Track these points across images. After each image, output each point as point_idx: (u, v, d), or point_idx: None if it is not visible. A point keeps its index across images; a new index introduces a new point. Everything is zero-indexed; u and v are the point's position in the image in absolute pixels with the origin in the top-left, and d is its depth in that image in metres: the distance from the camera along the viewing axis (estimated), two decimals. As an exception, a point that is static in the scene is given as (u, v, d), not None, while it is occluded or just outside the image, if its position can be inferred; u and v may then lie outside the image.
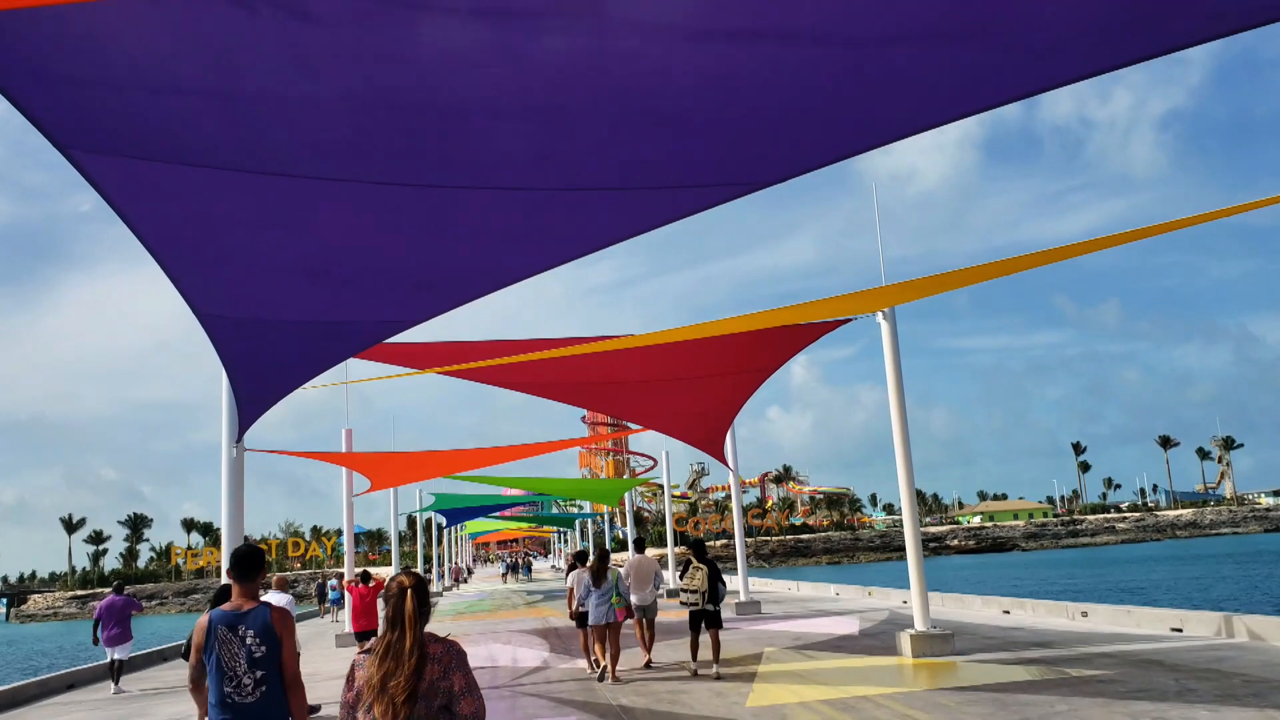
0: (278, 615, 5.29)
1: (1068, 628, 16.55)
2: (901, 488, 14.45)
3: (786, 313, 11.74)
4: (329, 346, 9.46)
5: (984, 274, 11.31)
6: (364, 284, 8.10)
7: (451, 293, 8.19)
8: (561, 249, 7.30)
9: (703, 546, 13.80)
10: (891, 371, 14.62)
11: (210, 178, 6.24)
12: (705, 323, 10.82)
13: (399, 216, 6.90)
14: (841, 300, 11.40)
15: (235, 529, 13.27)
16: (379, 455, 19.50)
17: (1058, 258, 10.42)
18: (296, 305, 8.51)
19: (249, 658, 5.16)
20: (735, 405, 18.63)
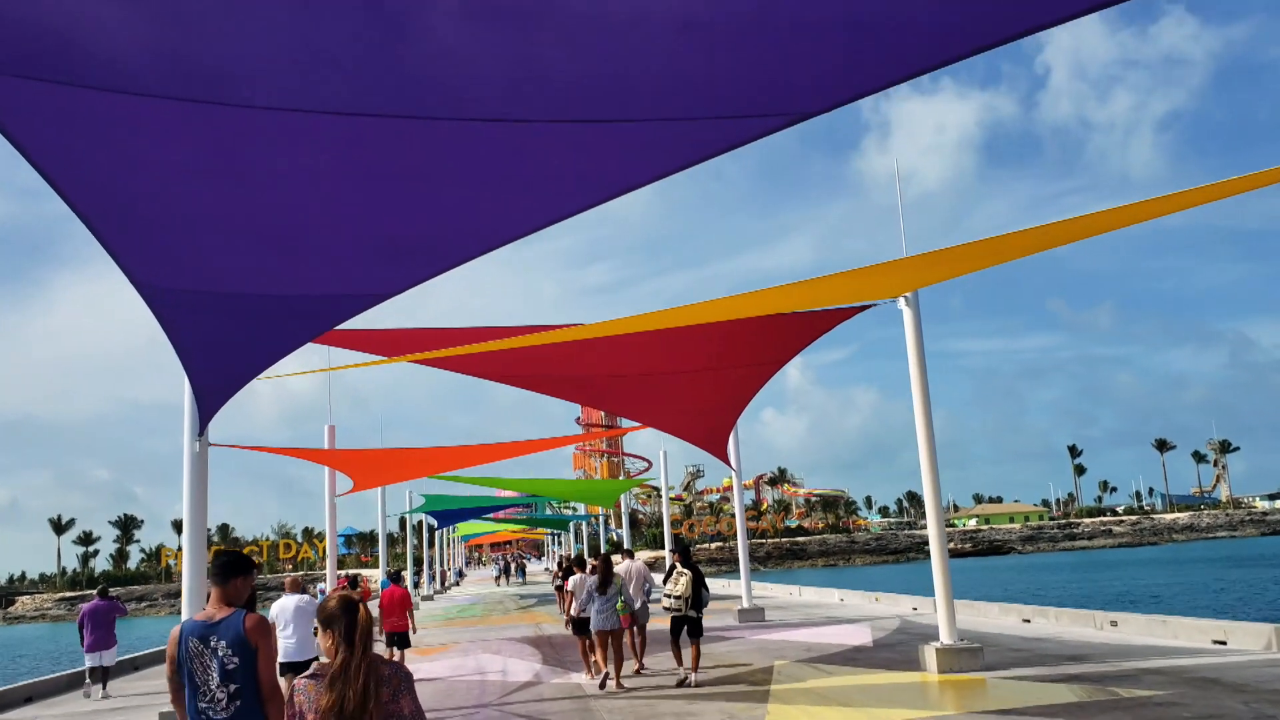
0: (252, 624, 4.94)
1: (1098, 639, 15.41)
2: (926, 488, 13.30)
3: (801, 290, 10.59)
4: (291, 325, 8.29)
5: (1018, 246, 10.17)
6: (326, 247, 6.93)
7: (432, 256, 7.03)
8: (561, 198, 6.13)
9: (688, 551, 13.54)
10: (915, 363, 13.48)
11: (124, 107, 5.06)
12: (712, 300, 9.64)
13: (364, 158, 5.74)
14: (862, 276, 10.20)
15: (198, 528, 12.19)
16: (359, 452, 18.27)
17: (1110, 225, 9.30)
18: (248, 274, 7.34)
19: (221, 670, 4.84)
20: (741, 401, 17.48)
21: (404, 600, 16.76)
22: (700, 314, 10.68)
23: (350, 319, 8.08)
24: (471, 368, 14.83)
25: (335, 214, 6.35)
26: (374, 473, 20.40)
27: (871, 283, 11.08)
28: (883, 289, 12.52)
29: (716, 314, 10.89)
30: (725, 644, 17.94)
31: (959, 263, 10.26)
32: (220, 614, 4.98)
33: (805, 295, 11.97)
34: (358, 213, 6.37)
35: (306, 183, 5.90)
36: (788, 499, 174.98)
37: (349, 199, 6.16)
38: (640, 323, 10.84)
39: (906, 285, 12.72)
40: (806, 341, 14.67)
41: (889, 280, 11.34)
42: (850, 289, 12.26)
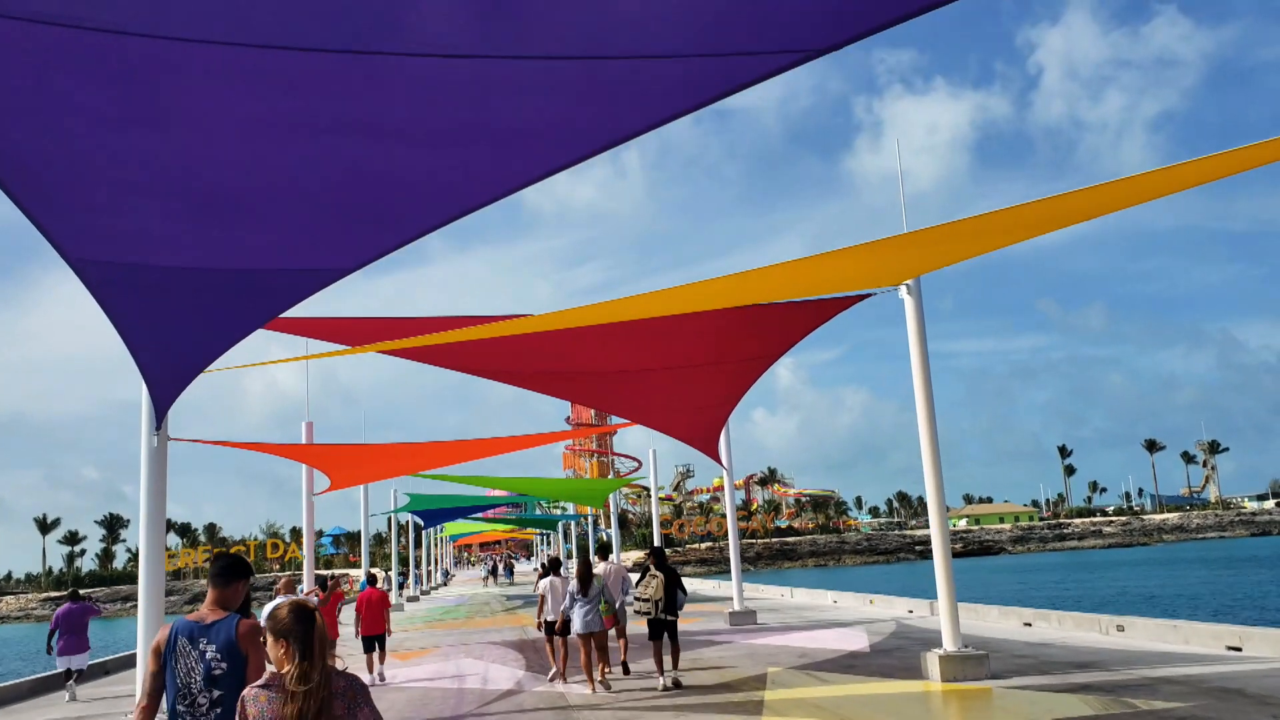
0: (246, 630, 4.75)
1: (1106, 644, 14.76)
2: (928, 486, 12.62)
3: (797, 272, 9.89)
4: (239, 306, 7.55)
5: (1030, 222, 9.50)
6: (267, 212, 6.20)
7: (393, 222, 6.30)
8: (541, 151, 5.40)
9: (663, 553, 13.38)
10: (917, 354, 12.81)
11: (21, 36, 4.34)
12: (702, 281, 8.91)
13: (305, 103, 5.02)
14: (863, 255, 9.45)
15: (156, 527, 11.47)
16: (334, 448, 17.46)
17: (1127, 198, 8.63)
18: (184, 245, 6.61)
19: (206, 674, 4.67)
20: (733, 398, 16.77)
21: (381, 602, 16.43)
22: (691, 297, 9.97)
23: (306, 298, 7.35)
24: (454, 361, 14.10)
25: (274, 172, 5.63)
26: (352, 470, 19.63)
27: (872, 263, 10.37)
28: (883, 275, 11.84)
29: (707, 297, 10.18)
30: (716, 649, 17.25)
31: (966, 240, 9.58)
32: (214, 617, 4.82)
33: (801, 281, 11.29)
34: (301, 171, 5.65)
35: (238, 134, 5.18)
36: (778, 499, 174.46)
37: (289, 154, 5.44)
38: (626, 308, 10.12)
39: (907, 270, 12.03)
40: (801, 334, 13.97)
41: (890, 261, 10.62)
42: (849, 271, 11.56)
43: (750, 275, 9.02)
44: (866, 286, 12.56)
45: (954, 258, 10.83)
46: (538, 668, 16.15)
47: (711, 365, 14.91)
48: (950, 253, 10.41)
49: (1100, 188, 7.97)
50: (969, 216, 8.24)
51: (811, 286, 11.97)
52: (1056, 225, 9.63)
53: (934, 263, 11.30)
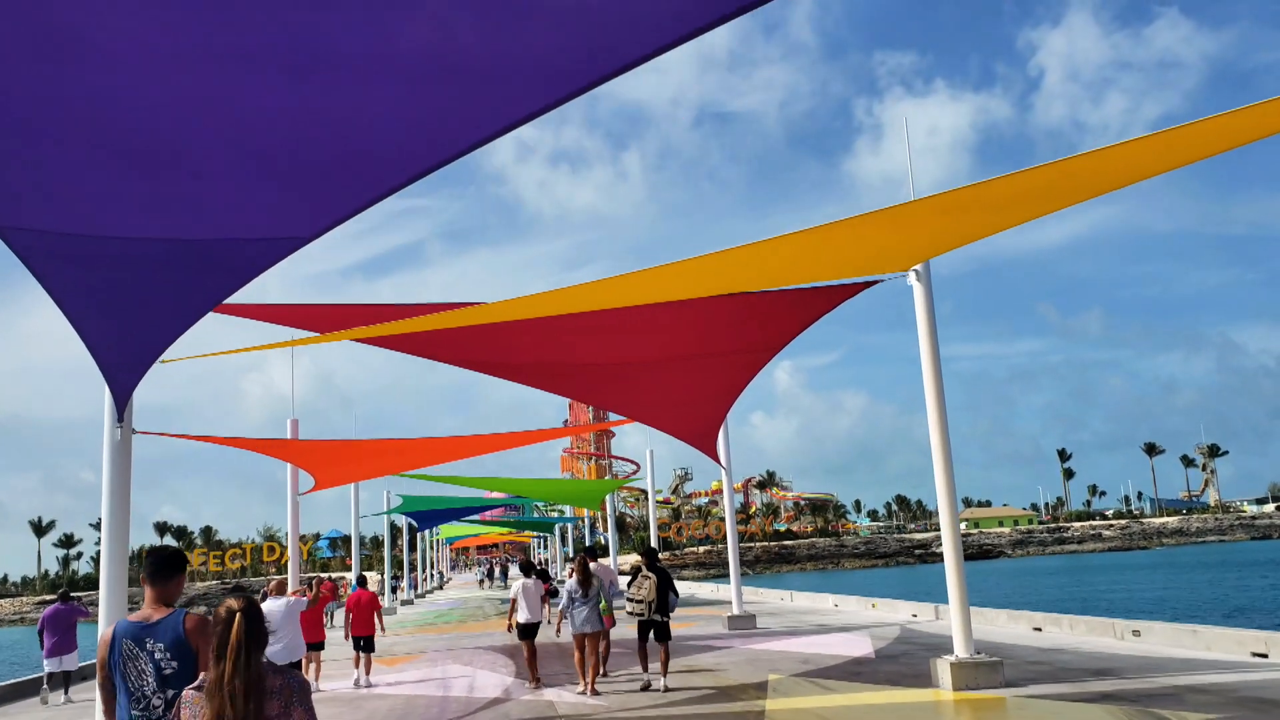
0: (193, 625, 4.60)
1: (1122, 650, 14.08)
2: (939, 485, 11.93)
3: (804, 248, 9.23)
4: (192, 281, 6.87)
5: (1073, 185, 8.84)
6: (205, 169, 5.51)
7: (354, 179, 5.62)
8: (530, 85, 4.71)
9: (654, 554, 13.23)
10: (927, 344, 12.12)
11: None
12: (700, 256, 8.20)
13: (238, 35, 4.34)
14: (869, 226, 8.75)
15: (119, 525, 10.71)
16: (313, 444, 16.66)
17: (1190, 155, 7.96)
18: (118, 209, 5.92)
19: (158, 675, 4.51)
20: (732, 392, 16.08)
21: (371, 604, 16.26)
22: (686, 277, 9.29)
23: (261, 273, 6.67)
24: (441, 351, 13.42)
25: (208, 119, 4.95)
26: (337, 468, 18.91)
27: (879, 240, 9.68)
28: (889, 259, 11.16)
29: (703, 277, 9.49)
30: (714, 654, 16.56)
31: (979, 211, 8.89)
32: (158, 614, 4.63)
33: (803, 266, 10.63)
34: (240, 117, 4.97)
35: (162, 72, 4.50)
36: (776, 502, 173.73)
37: (225, 97, 4.76)
38: (615, 289, 9.44)
39: (916, 253, 11.35)
40: (803, 324, 13.29)
41: (897, 239, 9.91)
42: (854, 249, 10.89)
43: (750, 251, 8.34)
44: (873, 272, 11.89)
45: (964, 236, 10.14)
46: (528, 674, 15.45)
47: (710, 357, 14.25)
48: (962, 228, 9.72)
49: (1119, 147, 7.31)
50: (983, 180, 7.58)
51: (815, 272, 11.32)
52: (1073, 196, 8.93)
53: (943, 243, 10.61)
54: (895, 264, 11.62)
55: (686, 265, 8.37)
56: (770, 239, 7.96)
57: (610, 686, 13.35)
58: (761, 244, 8.07)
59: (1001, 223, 9.41)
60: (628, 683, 13.56)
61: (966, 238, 10.15)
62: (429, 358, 13.48)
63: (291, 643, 11.82)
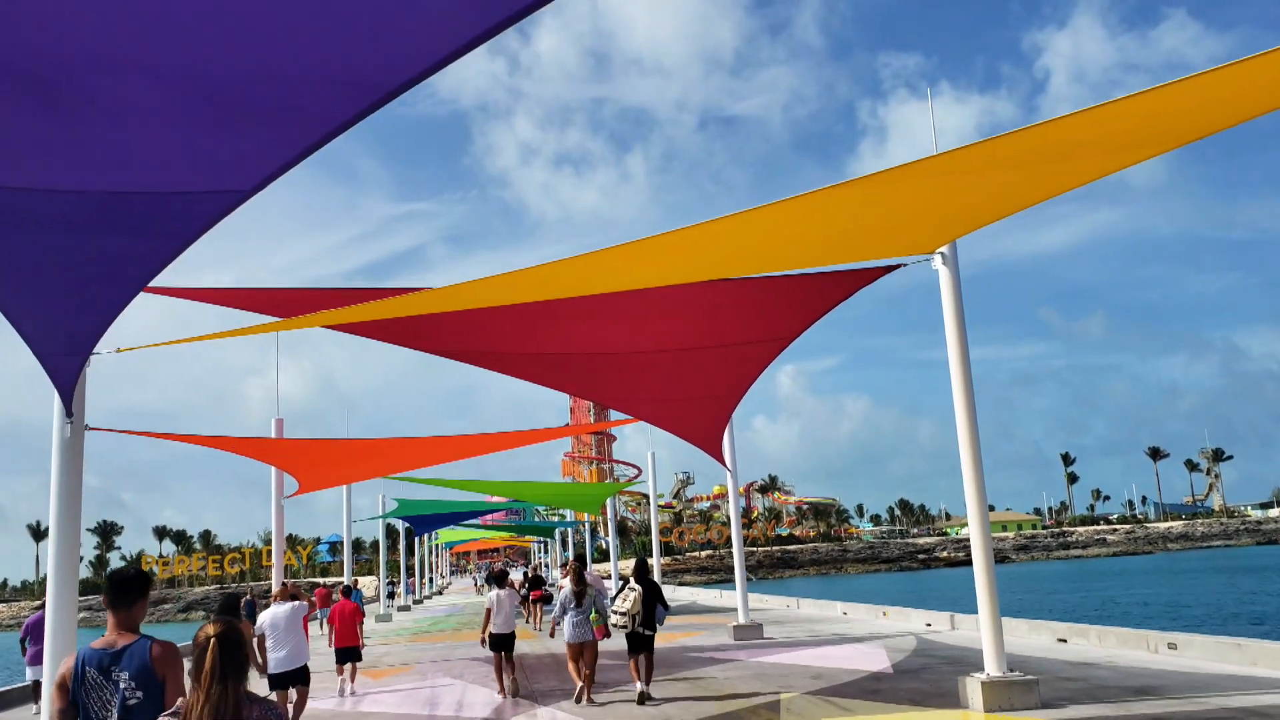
0: (160, 653, 4.40)
1: (1160, 665, 13.09)
2: (968, 487, 10.95)
3: (818, 215, 8.26)
4: (122, 246, 5.90)
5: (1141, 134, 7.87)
6: (119, 102, 4.55)
7: (303, 112, 4.66)
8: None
9: (645, 566, 13.12)
10: (954, 335, 11.15)
11: None
12: (702, 223, 7.20)
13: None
14: (891, 185, 7.74)
15: (69, 528, 9.90)
16: (288, 443, 15.57)
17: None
18: (34, 157, 4.96)
19: (122, 706, 4.28)
20: (740, 387, 15.10)
21: (354, 615, 15.68)
22: (688, 249, 8.30)
23: (199, 235, 5.70)
24: (430, 340, 12.46)
25: (117, 39, 3.99)
26: (321, 470, 17.92)
27: (903, 209, 8.68)
28: (912, 238, 10.16)
29: (709, 248, 8.48)
30: (719, 667, 15.57)
31: (1017, 172, 7.90)
32: (123, 641, 4.42)
33: (819, 243, 9.66)
34: (180, 38, 4.00)
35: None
36: (779, 507, 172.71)
37: (134, 12, 3.80)
38: (607, 264, 8.45)
39: (941, 233, 10.37)
40: (818, 312, 12.31)
41: (925, 206, 8.89)
42: (877, 220, 9.91)
43: (761, 217, 7.34)
44: (893, 254, 10.89)
45: (995, 207, 9.12)
46: (521, 690, 14.48)
47: (715, 349, 13.28)
48: (993, 198, 8.72)
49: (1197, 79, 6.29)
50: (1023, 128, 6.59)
51: (830, 253, 10.34)
52: (1156, 144, 7.81)
53: (972, 216, 9.58)
54: (919, 244, 10.64)
55: (685, 235, 7.38)
56: (783, 200, 6.97)
57: (606, 706, 12.38)
58: (774, 206, 7.07)
59: (1041, 188, 8.39)
60: (625, 703, 12.61)
61: (997, 210, 9.14)
62: (415, 347, 12.53)
63: (296, 649, 11.47)
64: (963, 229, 9.98)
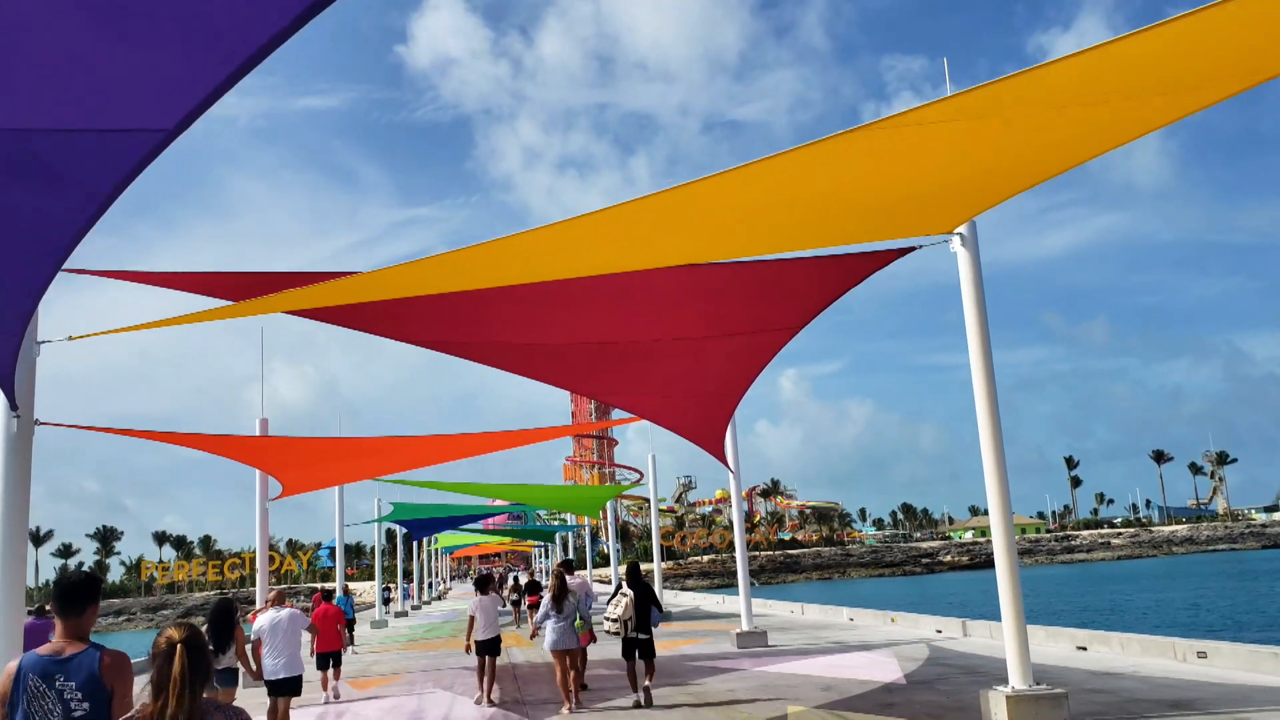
0: (110, 662, 4.21)
1: (1191, 675, 12.29)
2: (990, 487, 10.19)
3: (825, 165, 7.47)
4: (23, 197, 5.12)
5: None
6: (17, 16, 3.78)
7: (226, 32, 3.90)
8: None
9: (637, 570, 12.94)
10: (974, 322, 10.37)
11: None
12: (708, 177, 6.39)
13: None
14: (904, 134, 6.91)
15: (16, 530, 9.14)
16: (263, 440, 14.65)
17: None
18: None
19: (66, 716, 4.11)
20: (744, 381, 14.30)
21: (337, 618, 15.61)
22: (681, 212, 7.49)
23: (121, 192, 4.94)
24: (408, 328, 11.67)
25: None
26: (303, 471, 17.11)
27: (918, 176, 7.87)
28: (929, 213, 9.36)
29: (702, 214, 7.66)
30: (722, 677, 14.77)
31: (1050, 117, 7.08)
32: (71, 649, 4.25)
33: (822, 220, 8.87)
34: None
35: None
36: (781, 511, 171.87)
37: None
38: (580, 237, 7.65)
39: (961, 209, 9.56)
40: (826, 299, 11.50)
41: (942, 169, 8.05)
42: (888, 189, 9.10)
43: (763, 171, 6.52)
44: (906, 234, 10.07)
45: (1025, 178, 8.31)
46: (513, 705, 13.71)
47: (718, 338, 12.49)
48: (1027, 156, 7.92)
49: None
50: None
51: (837, 230, 9.51)
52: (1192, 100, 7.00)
53: (996, 186, 8.75)
54: (935, 223, 9.83)
55: (677, 194, 6.55)
56: (786, 151, 6.15)
57: (603, 713, 11.61)
58: (781, 156, 6.25)
59: (1085, 140, 7.54)
60: (621, 710, 11.84)
61: (1030, 172, 8.30)
62: (404, 339, 11.73)
63: (293, 657, 11.00)
64: (985, 201, 9.13)
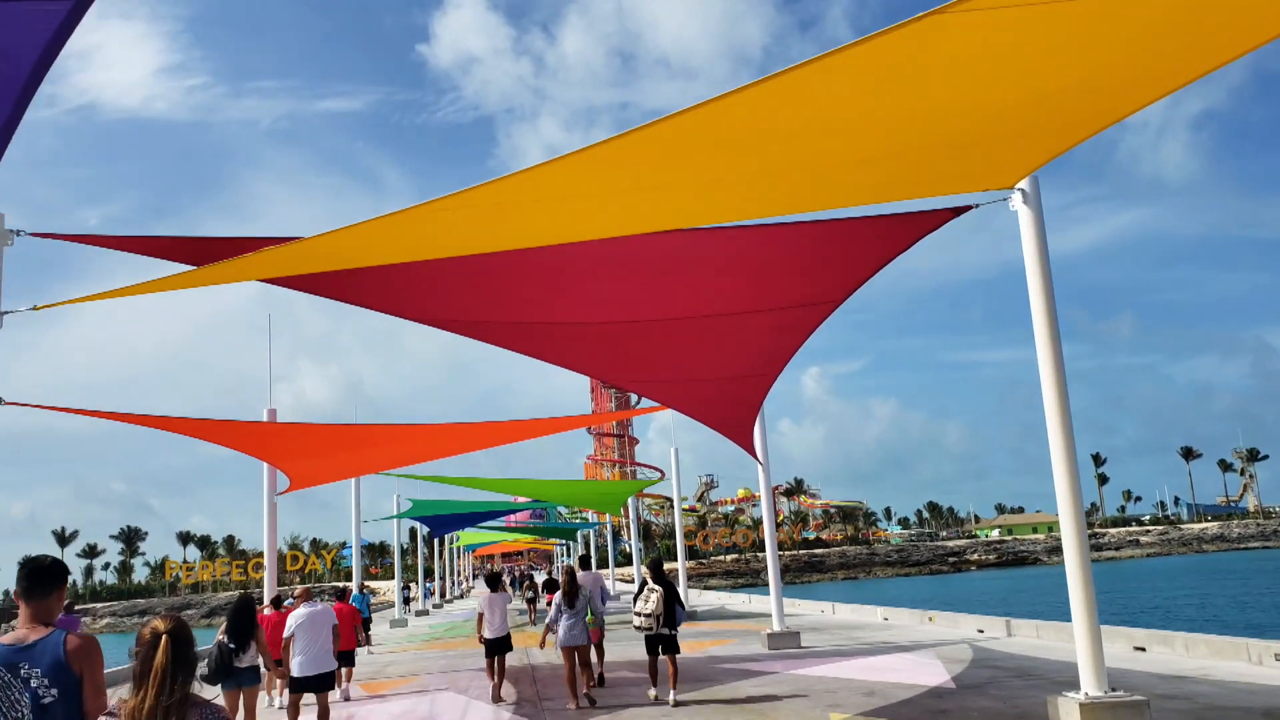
0: (76, 647, 4.02)
1: (1268, 679, 11.22)
2: (1058, 469, 9.14)
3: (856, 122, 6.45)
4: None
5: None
6: None
7: None
8: None
9: (660, 567, 12.78)
10: (1039, 288, 9.36)
11: None
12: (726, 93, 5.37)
13: None
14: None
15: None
16: (257, 426, 13.65)
17: None
18: None
19: (35, 705, 3.93)
20: (777, 362, 13.29)
21: (350, 617, 15.29)
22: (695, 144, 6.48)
23: (36, 81, 4.02)
24: (423, 309, 10.76)
25: None
26: (310, 462, 16.21)
27: (973, 108, 6.83)
28: (988, 163, 8.33)
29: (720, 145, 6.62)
30: (757, 682, 13.78)
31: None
32: (35, 635, 4.04)
33: (859, 168, 7.82)
34: None
35: None
36: (805, 510, 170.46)
37: None
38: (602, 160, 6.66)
39: (1024, 159, 8.53)
40: (870, 268, 10.48)
41: (1002, 101, 7.01)
42: (937, 170, 8.15)
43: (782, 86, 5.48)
44: (957, 189, 9.02)
45: (1108, 109, 7.27)
46: (529, 709, 12.78)
47: (750, 314, 11.50)
48: (1101, 92, 6.89)
49: None
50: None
51: (884, 184, 8.47)
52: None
53: (1067, 128, 7.71)
54: (993, 175, 8.80)
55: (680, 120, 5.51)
56: (822, 55, 5.10)
57: (626, 712, 10.70)
58: (815, 63, 5.20)
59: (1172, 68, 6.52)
60: (641, 706, 10.91)
61: (1109, 109, 7.25)
62: (411, 317, 10.79)
63: (320, 653, 10.94)
64: (1058, 143, 8.05)
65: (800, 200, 8.41)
